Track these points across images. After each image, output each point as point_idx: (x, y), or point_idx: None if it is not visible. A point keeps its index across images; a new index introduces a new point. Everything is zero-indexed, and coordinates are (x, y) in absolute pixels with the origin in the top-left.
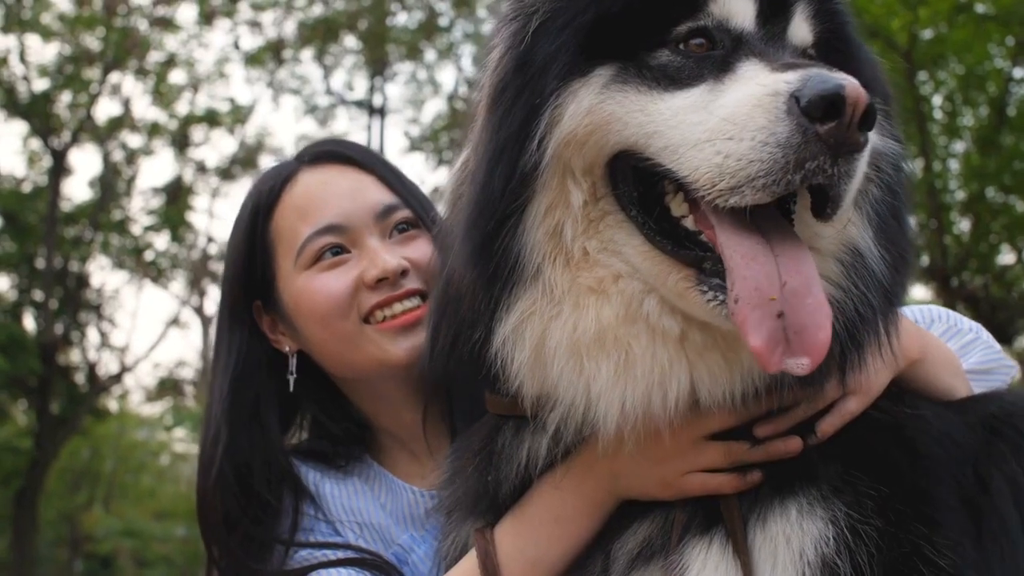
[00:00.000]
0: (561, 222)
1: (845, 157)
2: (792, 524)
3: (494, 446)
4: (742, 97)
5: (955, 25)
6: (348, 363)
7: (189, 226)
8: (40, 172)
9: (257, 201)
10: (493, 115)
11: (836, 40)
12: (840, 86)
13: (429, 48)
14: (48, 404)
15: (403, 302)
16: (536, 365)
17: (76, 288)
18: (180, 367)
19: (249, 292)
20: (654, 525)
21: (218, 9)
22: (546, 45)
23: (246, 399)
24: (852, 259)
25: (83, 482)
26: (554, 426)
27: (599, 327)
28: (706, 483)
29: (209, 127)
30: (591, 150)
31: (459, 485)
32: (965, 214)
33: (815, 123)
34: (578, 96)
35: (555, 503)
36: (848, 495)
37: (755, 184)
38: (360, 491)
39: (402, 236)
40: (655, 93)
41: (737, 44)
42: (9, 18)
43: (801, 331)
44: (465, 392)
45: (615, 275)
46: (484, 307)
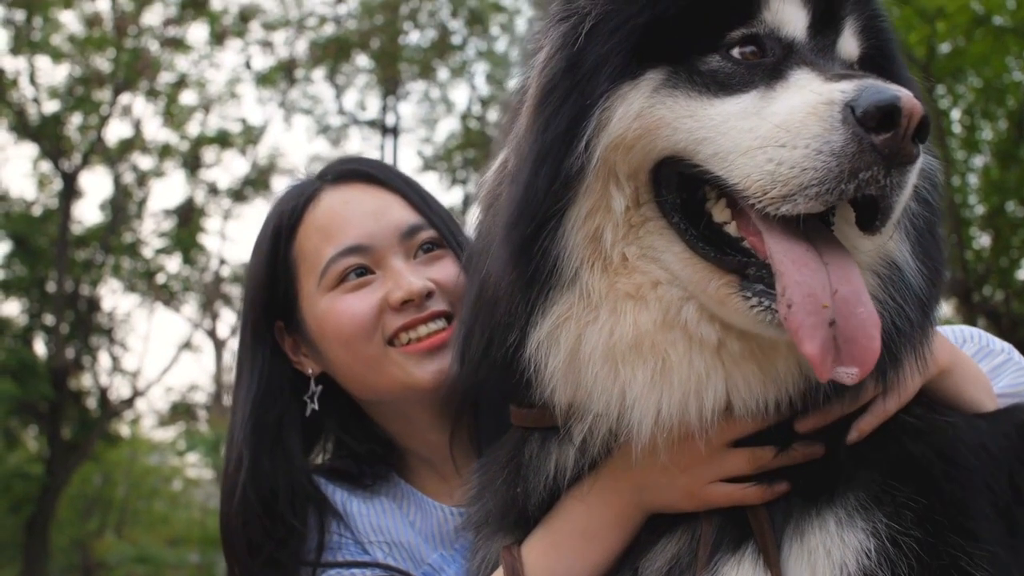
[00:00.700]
0: (601, 227)
1: (898, 168)
2: (832, 535)
3: (521, 458)
4: (796, 104)
5: (973, 38)
6: (372, 386)
7: (201, 248)
8: (50, 195)
9: (279, 221)
10: (540, 115)
11: (881, 57)
12: (896, 97)
13: (442, 67)
14: (59, 430)
15: (428, 324)
16: (570, 370)
17: (87, 312)
18: (193, 391)
19: (271, 313)
20: (681, 542)
21: (229, 29)
22: (598, 47)
23: (268, 422)
24: (890, 272)
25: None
26: (581, 436)
27: (636, 333)
28: (731, 494)
29: (221, 148)
30: (638, 154)
31: (487, 499)
32: (985, 229)
33: (871, 133)
34: (628, 99)
35: (581, 517)
36: (888, 505)
37: (808, 192)
38: (389, 510)
39: (427, 256)
40: (705, 98)
41: (788, 52)
42: (19, 40)
43: (852, 340)
44: (492, 409)
45: (654, 282)
46: (520, 310)
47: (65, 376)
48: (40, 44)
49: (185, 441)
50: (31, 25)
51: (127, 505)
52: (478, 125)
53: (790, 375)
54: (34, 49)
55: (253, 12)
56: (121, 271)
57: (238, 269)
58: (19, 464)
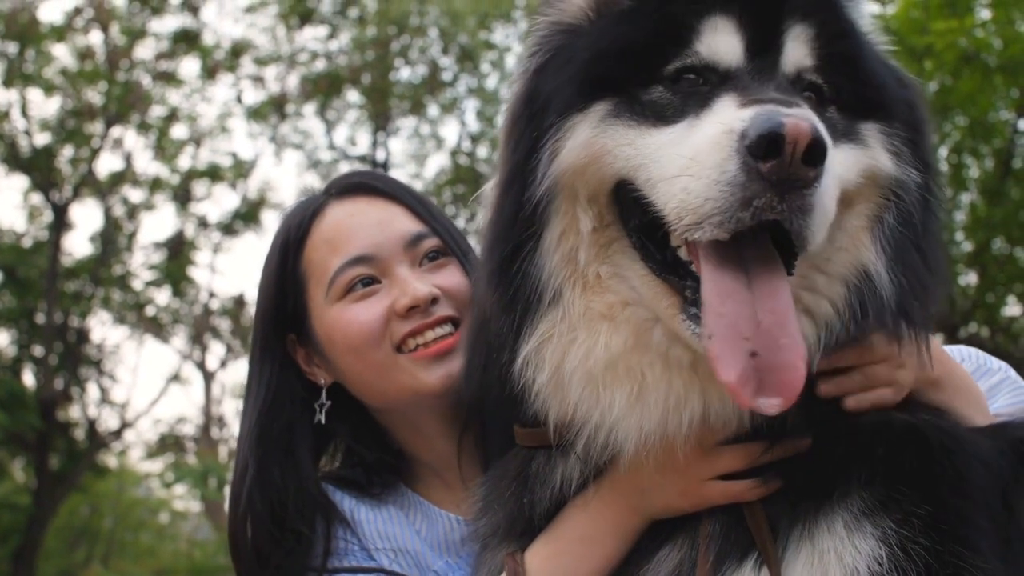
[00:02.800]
0: (575, 247)
1: (793, 193)
2: (843, 540)
3: (529, 471)
4: (707, 134)
5: (961, 76)
6: (382, 393)
7: (191, 281)
8: (41, 227)
9: (287, 236)
10: (507, 144)
11: (842, 62)
12: (780, 124)
13: (432, 103)
14: (47, 460)
15: (435, 329)
16: (557, 388)
17: (76, 343)
18: (181, 423)
19: (281, 326)
20: (683, 549)
21: (221, 64)
22: (552, 80)
23: (275, 432)
24: (861, 283)
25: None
26: (582, 449)
27: (609, 355)
28: (727, 489)
29: (211, 182)
30: (591, 180)
31: (495, 512)
32: (972, 265)
33: (758, 161)
34: (576, 130)
35: (582, 523)
36: (896, 512)
37: (712, 221)
38: (395, 517)
39: (432, 264)
40: (644, 128)
41: (723, 79)
42: (11, 72)
43: (773, 371)
44: (497, 424)
45: (624, 302)
46: (507, 329)
47: (53, 407)
48: (32, 76)
49: (172, 473)
50: (23, 57)
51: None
52: (468, 161)
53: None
54: (26, 81)
55: (244, 47)
56: (111, 303)
57: (227, 302)
58: (6, 494)
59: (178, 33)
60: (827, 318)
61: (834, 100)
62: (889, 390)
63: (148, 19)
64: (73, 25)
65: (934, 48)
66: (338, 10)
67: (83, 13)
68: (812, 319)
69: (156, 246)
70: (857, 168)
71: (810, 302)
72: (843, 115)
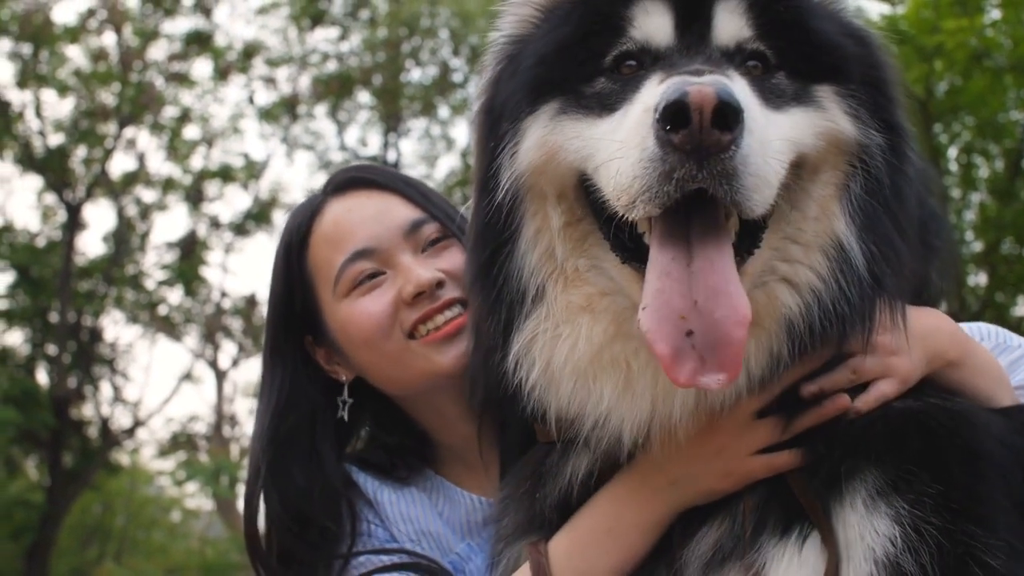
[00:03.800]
0: (552, 243)
1: (711, 160)
2: (863, 519)
3: (543, 468)
4: (633, 115)
5: (971, 77)
6: (399, 381)
7: (203, 281)
8: (54, 227)
9: (289, 239)
10: (476, 157)
11: (785, 26)
12: (684, 92)
13: (443, 104)
14: (60, 458)
15: (444, 313)
16: (549, 384)
17: (89, 342)
18: (193, 422)
19: (292, 329)
20: (723, 527)
21: (233, 65)
22: (504, 89)
23: (289, 434)
24: (836, 253)
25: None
26: (588, 441)
27: (592, 347)
28: (771, 462)
29: (223, 182)
30: (553, 178)
31: (514, 511)
32: (981, 265)
33: (670, 133)
34: (529, 131)
35: (610, 515)
36: (908, 492)
37: (643, 198)
38: (418, 499)
39: (434, 248)
40: (591, 120)
41: (655, 61)
42: (25, 73)
43: (712, 348)
44: (508, 419)
45: (601, 292)
46: (495, 330)
47: (67, 405)
48: (46, 77)
49: (184, 471)
50: (37, 59)
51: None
52: None
53: (752, 353)
54: (40, 82)
55: (256, 48)
56: (123, 302)
57: (239, 301)
58: (20, 492)
59: (191, 34)
60: (811, 285)
61: (782, 65)
62: (888, 382)
63: (161, 21)
64: (87, 26)
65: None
66: (349, 12)
67: (97, 15)
68: (794, 288)
69: (168, 246)
70: (812, 131)
71: (788, 272)
72: (794, 80)
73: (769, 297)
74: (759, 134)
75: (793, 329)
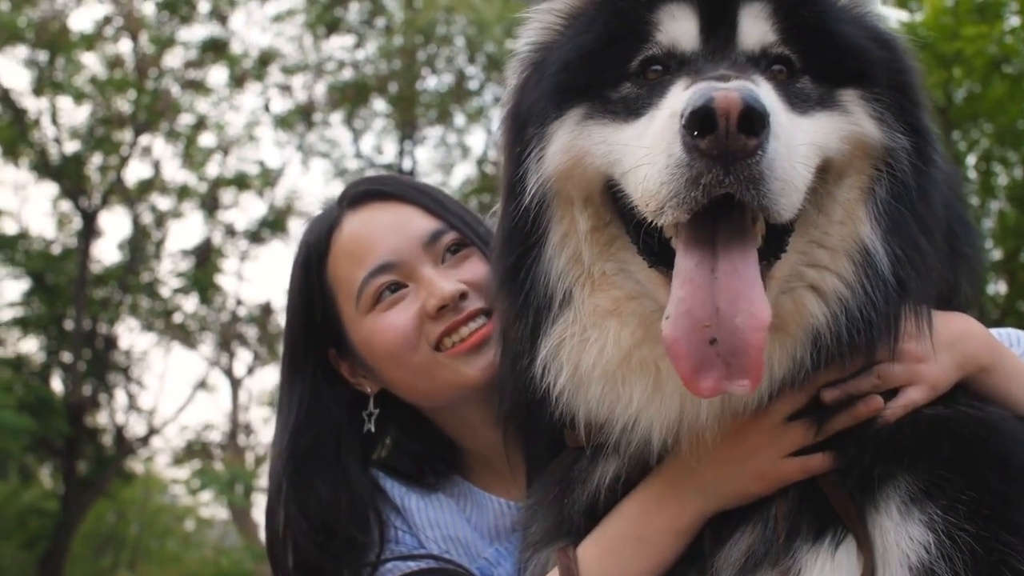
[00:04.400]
0: (579, 247)
1: (738, 165)
2: (898, 525)
3: (571, 473)
4: (658, 121)
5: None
6: (426, 393)
7: (218, 288)
8: (70, 234)
9: (307, 254)
10: (504, 157)
11: (809, 30)
12: (710, 98)
13: (459, 112)
14: (75, 466)
15: (468, 324)
16: (578, 389)
17: (104, 350)
18: (208, 430)
19: (312, 343)
20: (755, 532)
21: (249, 73)
22: (530, 95)
23: (311, 448)
24: (862, 258)
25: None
26: (617, 446)
27: (620, 350)
28: (805, 464)
29: (238, 190)
30: (579, 182)
31: (542, 518)
32: (1001, 273)
33: (696, 138)
34: (555, 136)
35: (639, 521)
36: (941, 498)
37: (671, 204)
38: (445, 505)
39: (455, 258)
40: (617, 125)
41: (680, 65)
42: (41, 80)
43: (734, 354)
44: (535, 425)
45: (628, 296)
46: (523, 335)
47: (81, 413)
48: (62, 85)
49: (199, 480)
50: (54, 66)
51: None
52: (494, 170)
53: (776, 358)
54: (56, 89)
55: (272, 56)
56: (139, 310)
57: (254, 309)
58: (34, 500)
59: (206, 42)
60: (838, 292)
61: (806, 70)
62: (917, 389)
63: (177, 28)
64: (103, 34)
65: (963, 54)
66: (365, 19)
67: (113, 22)
68: (821, 296)
69: (184, 253)
70: (838, 135)
71: (815, 278)
72: (819, 84)
73: (796, 304)
74: (785, 139)
75: (820, 338)
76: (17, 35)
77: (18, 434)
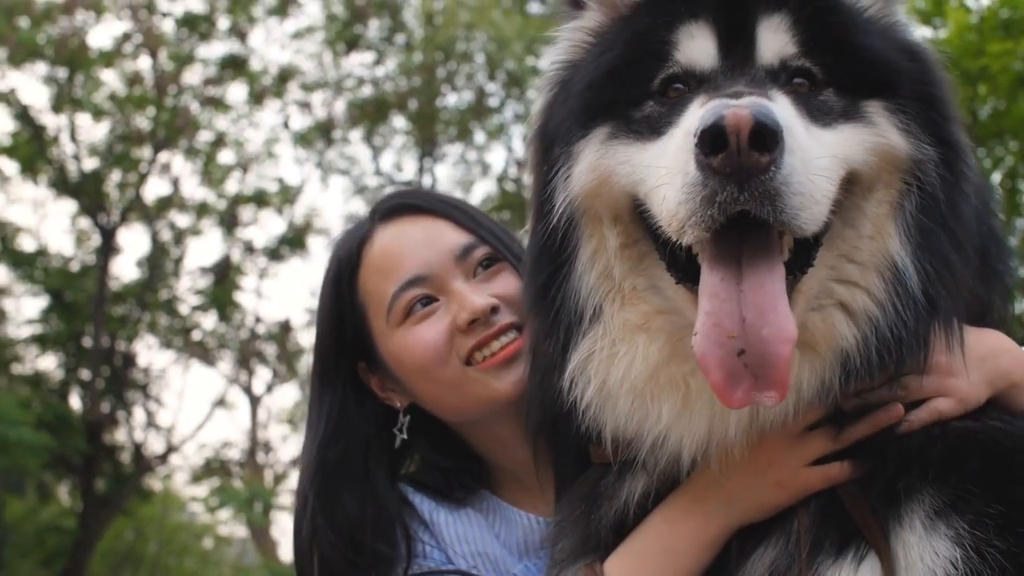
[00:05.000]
0: (609, 264)
1: (752, 181)
2: (922, 539)
3: (598, 489)
4: (675, 140)
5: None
6: (456, 408)
7: (237, 306)
8: (88, 251)
9: (338, 268)
10: (533, 177)
11: (831, 42)
12: (720, 116)
13: (479, 129)
14: (93, 484)
15: (499, 339)
16: (606, 404)
17: (123, 367)
18: (227, 448)
19: (342, 357)
20: (778, 546)
21: (268, 90)
22: (557, 114)
23: (339, 462)
24: (892, 275)
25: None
26: (646, 462)
27: (648, 366)
28: (826, 472)
29: (258, 207)
30: (607, 201)
31: (569, 535)
32: None
33: (709, 157)
34: (581, 155)
35: (665, 535)
36: (969, 513)
37: (690, 223)
38: (474, 520)
39: (486, 273)
40: (640, 144)
41: (699, 83)
42: (60, 97)
43: (761, 366)
44: (564, 442)
45: (657, 311)
46: (554, 351)
47: (100, 430)
48: (81, 101)
49: (217, 498)
50: (73, 83)
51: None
52: (514, 187)
53: (805, 378)
54: (75, 106)
55: (292, 73)
56: (157, 327)
57: (273, 327)
58: (52, 518)
59: (226, 59)
60: (868, 312)
61: (829, 82)
62: (945, 401)
63: (196, 45)
64: (122, 51)
65: (989, 71)
66: (385, 36)
67: (132, 39)
68: (850, 315)
69: (203, 271)
70: (863, 147)
71: (844, 295)
72: (842, 96)
73: (826, 323)
74: (801, 153)
75: (849, 361)
76: (36, 52)
77: (36, 451)
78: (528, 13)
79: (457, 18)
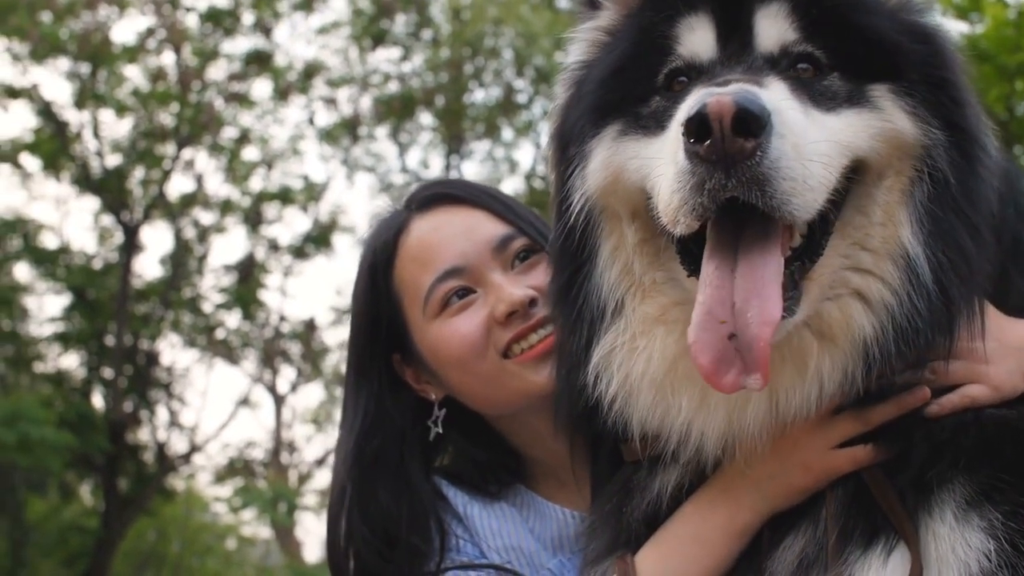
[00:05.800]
0: (630, 259)
1: (738, 167)
2: (954, 531)
3: (631, 484)
4: (671, 131)
5: None
6: (493, 401)
7: (261, 304)
8: (111, 249)
9: (374, 258)
10: (552, 176)
11: (833, 26)
12: (703, 104)
13: (507, 125)
14: (116, 483)
15: (537, 331)
16: (629, 398)
17: (146, 366)
18: (250, 447)
19: (377, 350)
20: (807, 535)
21: (293, 85)
22: (572, 114)
23: (375, 455)
24: (904, 263)
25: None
26: (675, 455)
27: (666, 359)
28: (853, 455)
29: (282, 204)
30: (622, 197)
31: (602, 534)
32: None
33: (695, 145)
34: (594, 154)
35: (696, 523)
36: (1004, 504)
37: (682, 211)
38: (508, 514)
39: (524, 265)
40: (648, 139)
41: (699, 75)
42: (83, 93)
43: (748, 349)
44: (594, 437)
45: (675, 302)
46: (578, 347)
47: (123, 429)
48: (104, 97)
49: (241, 498)
50: (96, 79)
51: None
52: (542, 185)
53: (826, 370)
54: (98, 102)
55: (317, 69)
56: (181, 325)
57: (298, 326)
58: (75, 517)
59: (250, 54)
60: (884, 300)
61: (834, 66)
62: (978, 387)
63: (220, 40)
64: (145, 46)
65: None
66: (411, 32)
67: (156, 34)
68: (867, 304)
69: (226, 269)
70: (868, 132)
71: (860, 284)
72: (847, 80)
73: (843, 313)
74: (793, 138)
75: (869, 350)
76: (59, 47)
77: (58, 451)
78: (557, 8)
79: (485, 13)
